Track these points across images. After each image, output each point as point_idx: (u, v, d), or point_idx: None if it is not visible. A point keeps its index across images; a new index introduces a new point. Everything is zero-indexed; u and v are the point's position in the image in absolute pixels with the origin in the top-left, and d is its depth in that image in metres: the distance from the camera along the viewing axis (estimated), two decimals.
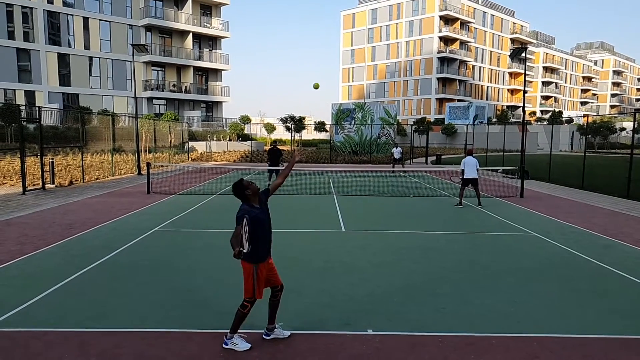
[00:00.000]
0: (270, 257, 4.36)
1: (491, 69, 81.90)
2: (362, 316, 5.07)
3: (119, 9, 41.35)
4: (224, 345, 4.29)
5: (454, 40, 72.84)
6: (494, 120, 58.97)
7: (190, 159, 31.91)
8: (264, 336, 4.49)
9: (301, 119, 40.84)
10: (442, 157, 33.67)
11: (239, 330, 4.33)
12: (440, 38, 71.62)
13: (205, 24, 46.42)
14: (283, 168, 17.79)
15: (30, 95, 37.85)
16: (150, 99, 43.65)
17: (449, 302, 5.52)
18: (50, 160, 16.62)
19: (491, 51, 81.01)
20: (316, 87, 7.13)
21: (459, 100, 70.36)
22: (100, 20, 40.58)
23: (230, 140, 39.90)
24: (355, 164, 30.27)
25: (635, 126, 16.08)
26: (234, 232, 4.08)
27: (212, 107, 48.78)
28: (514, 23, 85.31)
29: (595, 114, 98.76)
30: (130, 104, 41.70)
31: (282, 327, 4.56)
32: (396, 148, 23.79)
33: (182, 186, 16.83)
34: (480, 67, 79.47)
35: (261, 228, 4.21)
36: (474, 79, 78.03)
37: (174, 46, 44.51)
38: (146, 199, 13.58)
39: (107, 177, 19.83)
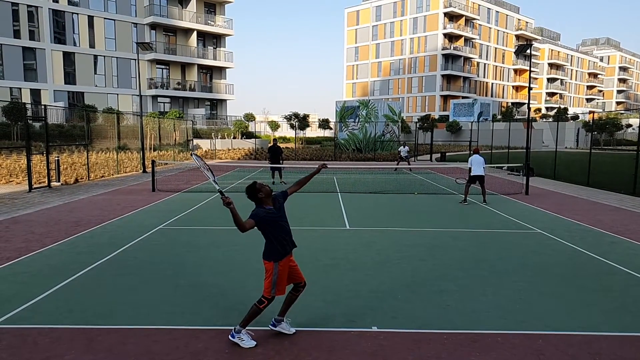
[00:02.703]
0: (291, 255, 4.43)
1: (496, 66, 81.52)
2: (367, 313, 5.07)
3: (123, 7, 41.45)
4: (230, 337, 4.32)
5: (458, 37, 72.54)
6: (499, 117, 58.73)
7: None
8: (270, 326, 4.53)
9: (305, 117, 40.77)
10: (447, 154, 33.55)
11: (246, 327, 4.35)
12: (445, 35, 71.35)
13: (209, 22, 46.46)
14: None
15: (35, 94, 38.05)
16: (154, 97, 43.77)
17: (454, 299, 5.51)
18: (56, 158, 16.70)
19: (496, 48, 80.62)
20: None
21: (463, 97, 70.21)
22: (105, 18, 40.71)
23: (234, 138, 39.96)
24: (359, 162, 30.23)
25: None
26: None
27: (216, 105, 48.85)
28: (519, 19, 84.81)
29: (601, 110, 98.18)
30: (134, 102, 41.82)
31: (290, 323, 4.59)
32: (404, 147, 23.81)
33: (186, 184, 16.88)
34: (484, 64, 79.13)
35: (278, 229, 4.29)
36: (478, 76, 77.70)
37: (179, 44, 44.59)
38: (151, 196, 13.64)
39: (112, 175, 19.92)
